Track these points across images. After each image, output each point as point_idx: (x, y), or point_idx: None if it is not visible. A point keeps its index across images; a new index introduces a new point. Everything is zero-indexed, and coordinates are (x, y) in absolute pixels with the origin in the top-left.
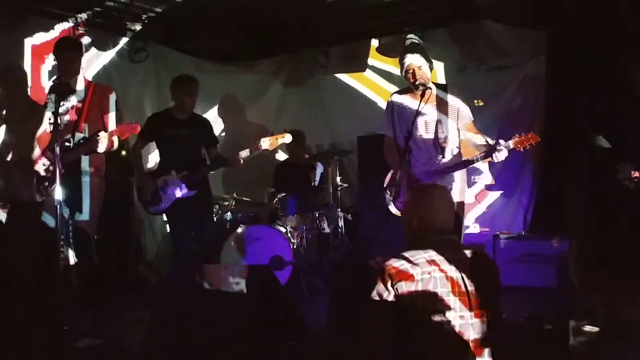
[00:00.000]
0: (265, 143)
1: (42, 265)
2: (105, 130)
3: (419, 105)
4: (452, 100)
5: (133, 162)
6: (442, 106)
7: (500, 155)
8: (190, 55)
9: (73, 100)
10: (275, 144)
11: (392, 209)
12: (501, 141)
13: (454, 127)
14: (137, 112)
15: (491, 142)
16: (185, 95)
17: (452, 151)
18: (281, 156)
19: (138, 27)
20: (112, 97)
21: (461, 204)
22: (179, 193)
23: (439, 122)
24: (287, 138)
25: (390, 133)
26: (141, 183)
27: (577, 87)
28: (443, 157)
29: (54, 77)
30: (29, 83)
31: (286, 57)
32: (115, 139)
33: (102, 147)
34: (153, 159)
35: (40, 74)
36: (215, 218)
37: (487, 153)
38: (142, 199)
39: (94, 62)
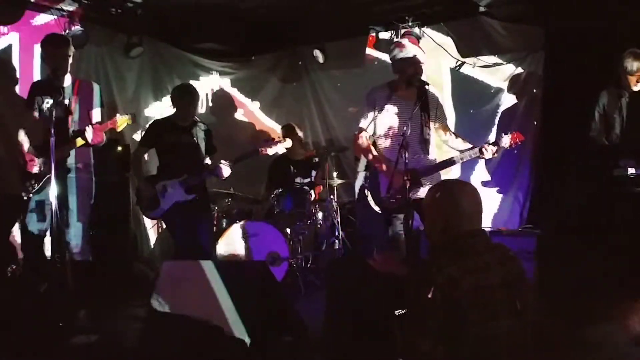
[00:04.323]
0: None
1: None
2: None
3: (416, 102)
4: (435, 99)
5: (133, 167)
6: (428, 104)
7: (487, 154)
8: (186, 51)
9: (60, 97)
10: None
11: (371, 203)
12: (490, 140)
13: (434, 125)
14: (133, 107)
15: (463, 142)
16: (185, 105)
17: (434, 150)
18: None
19: (134, 22)
20: (97, 93)
21: None
22: (177, 197)
23: (425, 119)
24: (288, 143)
25: (370, 127)
26: (140, 188)
27: (575, 83)
28: (428, 154)
29: (46, 73)
30: (18, 77)
31: (282, 53)
32: (103, 133)
33: (89, 137)
34: (153, 164)
35: (32, 69)
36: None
37: (472, 152)
38: (141, 204)
39: (89, 57)
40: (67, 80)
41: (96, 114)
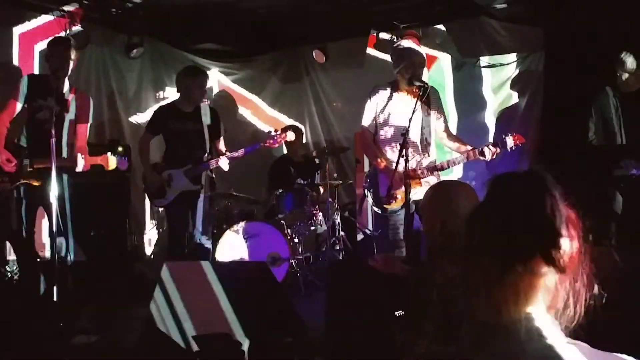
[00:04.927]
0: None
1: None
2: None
3: (416, 102)
4: (436, 99)
5: (140, 155)
6: (428, 105)
7: (488, 155)
8: (186, 51)
9: (52, 101)
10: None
11: (371, 203)
12: (490, 142)
13: (434, 127)
14: (133, 108)
15: (463, 143)
16: (196, 86)
17: (435, 150)
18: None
19: (134, 22)
20: (91, 107)
21: None
22: (182, 187)
23: (426, 119)
24: (290, 135)
25: (371, 126)
26: (147, 177)
27: (575, 83)
28: (428, 155)
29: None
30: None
31: (282, 53)
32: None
33: (79, 167)
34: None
35: (32, 69)
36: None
37: (472, 153)
38: (148, 192)
39: (90, 57)
40: (66, 85)
41: (87, 129)
